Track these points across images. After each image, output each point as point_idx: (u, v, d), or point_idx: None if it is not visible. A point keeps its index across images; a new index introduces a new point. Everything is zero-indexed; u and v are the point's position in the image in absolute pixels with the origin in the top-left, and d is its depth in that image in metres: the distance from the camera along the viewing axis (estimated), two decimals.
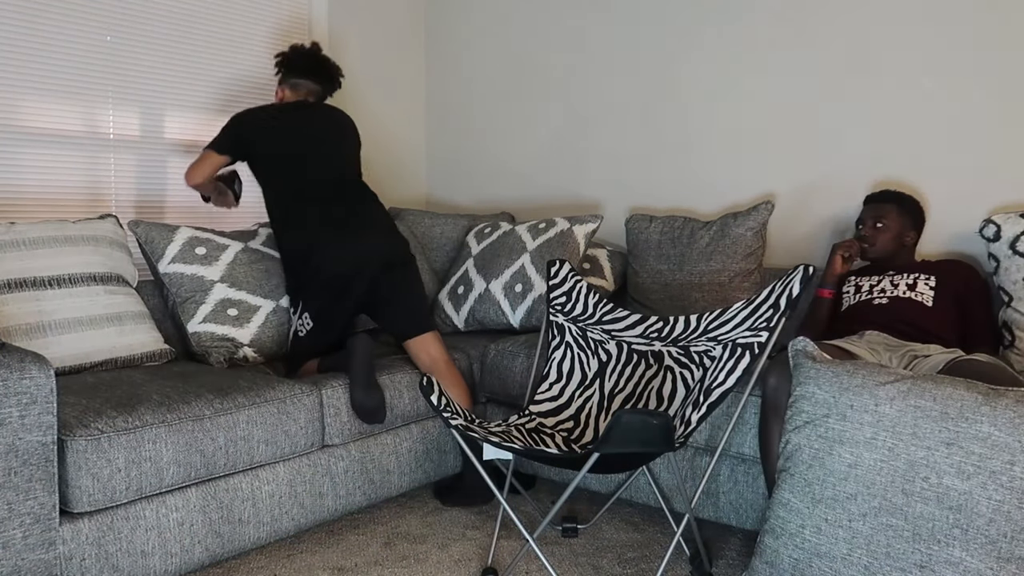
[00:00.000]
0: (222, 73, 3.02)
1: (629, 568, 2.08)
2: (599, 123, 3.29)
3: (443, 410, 1.87)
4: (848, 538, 1.66)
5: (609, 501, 2.40)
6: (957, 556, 1.55)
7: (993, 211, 2.47)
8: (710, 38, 2.98)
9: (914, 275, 2.33)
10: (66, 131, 2.62)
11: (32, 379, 1.60)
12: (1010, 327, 2.22)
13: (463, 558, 2.12)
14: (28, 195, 2.55)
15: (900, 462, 1.63)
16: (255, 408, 2.02)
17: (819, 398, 1.76)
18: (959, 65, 2.50)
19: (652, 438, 1.62)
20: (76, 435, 1.69)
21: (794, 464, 1.77)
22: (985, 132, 2.47)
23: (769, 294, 2.01)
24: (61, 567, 1.68)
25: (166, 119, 2.87)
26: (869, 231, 2.41)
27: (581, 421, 2.23)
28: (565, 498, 1.73)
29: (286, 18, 3.21)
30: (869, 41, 2.65)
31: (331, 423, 2.21)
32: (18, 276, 2.11)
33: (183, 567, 1.90)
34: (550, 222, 2.95)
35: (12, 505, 1.58)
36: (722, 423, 2.18)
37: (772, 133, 2.87)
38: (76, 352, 2.11)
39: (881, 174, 2.66)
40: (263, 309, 2.51)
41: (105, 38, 2.68)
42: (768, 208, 2.73)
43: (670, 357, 2.23)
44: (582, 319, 2.37)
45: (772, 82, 2.85)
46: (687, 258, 2.78)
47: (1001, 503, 1.53)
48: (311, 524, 2.19)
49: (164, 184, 2.89)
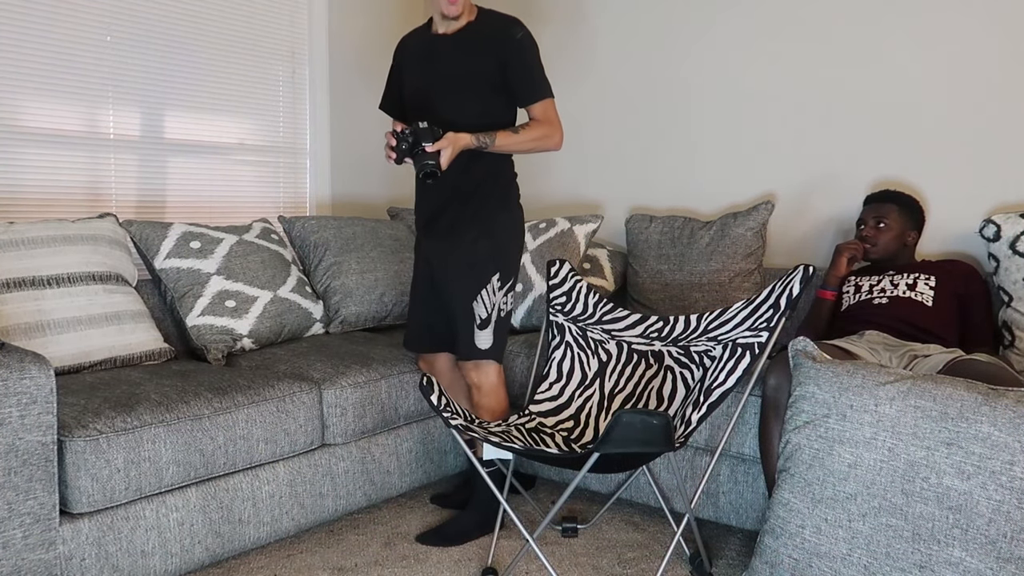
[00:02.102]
0: (222, 73, 3.01)
1: (629, 568, 2.08)
2: (599, 123, 3.29)
3: (443, 410, 1.87)
4: (848, 538, 1.66)
5: (609, 501, 2.40)
6: (957, 556, 1.55)
7: (993, 211, 2.47)
8: (710, 38, 2.98)
9: (914, 275, 2.33)
10: (66, 131, 2.62)
11: (32, 379, 1.59)
12: (1010, 327, 2.22)
13: (463, 558, 2.12)
14: (28, 195, 2.55)
15: (900, 462, 1.63)
16: (254, 407, 2.02)
17: (819, 398, 1.76)
18: (959, 65, 2.50)
19: (652, 438, 1.62)
20: (75, 436, 1.69)
21: (794, 464, 1.77)
22: (985, 132, 2.47)
23: (769, 294, 2.01)
24: (61, 567, 1.68)
25: (166, 119, 2.87)
26: (871, 231, 2.41)
27: (581, 421, 2.23)
28: (565, 498, 1.73)
29: (286, 18, 3.21)
30: (869, 41, 2.64)
31: (331, 422, 2.21)
32: (17, 275, 2.11)
33: (183, 567, 1.90)
34: (550, 222, 2.95)
35: (12, 505, 1.58)
36: (722, 423, 2.18)
37: (772, 133, 2.87)
38: (75, 352, 2.11)
39: (881, 174, 2.66)
40: (261, 299, 2.53)
41: (105, 38, 2.68)
42: (768, 208, 2.73)
43: (670, 357, 2.23)
44: (582, 319, 2.37)
45: (772, 82, 2.85)
46: (687, 258, 2.78)
47: (1001, 503, 1.53)
48: (311, 524, 2.19)
49: (164, 184, 2.89)
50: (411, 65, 2.28)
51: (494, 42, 2.16)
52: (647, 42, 3.14)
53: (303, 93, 3.31)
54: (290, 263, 2.74)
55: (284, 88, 3.24)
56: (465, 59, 2.17)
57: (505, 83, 2.18)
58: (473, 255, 2.21)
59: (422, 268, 2.34)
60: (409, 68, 2.28)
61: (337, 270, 2.81)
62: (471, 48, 2.17)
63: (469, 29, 2.19)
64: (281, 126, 3.25)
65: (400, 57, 2.34)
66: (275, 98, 3.21)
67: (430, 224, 2.29)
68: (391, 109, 2.41)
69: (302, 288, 2.70)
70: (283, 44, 3.21)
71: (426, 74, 2.23)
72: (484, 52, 2.16)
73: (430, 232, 2.29)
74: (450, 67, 2.18)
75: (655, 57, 3.12)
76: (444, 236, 2.26)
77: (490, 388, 2.25)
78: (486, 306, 2.20)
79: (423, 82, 2.23)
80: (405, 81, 2.30)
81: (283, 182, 3.28)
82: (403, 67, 2.31)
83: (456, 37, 2.19)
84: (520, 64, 2.17)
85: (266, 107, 3.18)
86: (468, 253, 2.21)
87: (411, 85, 2.28)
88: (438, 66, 2.20)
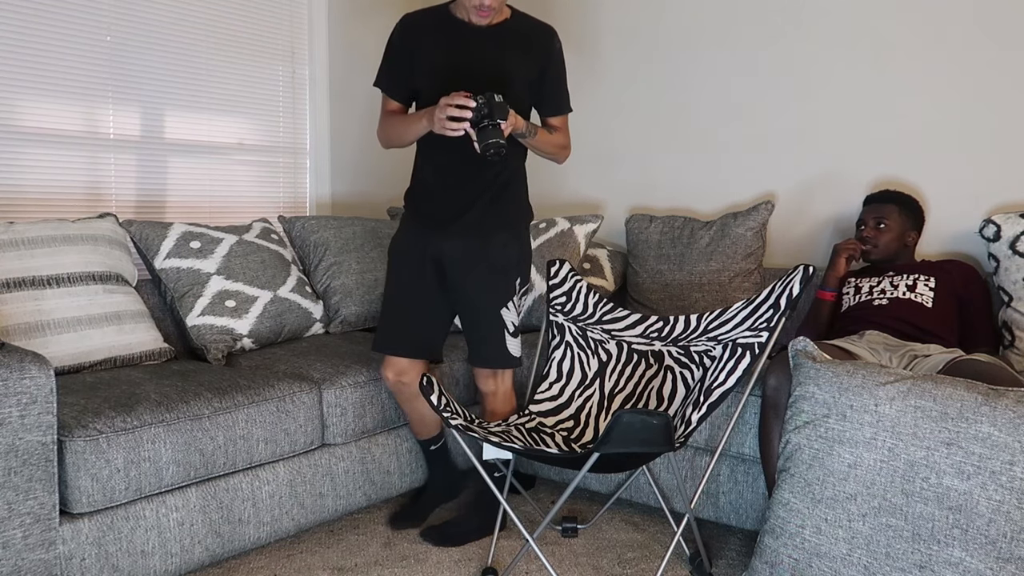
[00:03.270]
0: (222, 73, 3.01)
1: (629, 568, 2.08)
2: (599, 123, 3.29)
3: (443, 410, 1.87)
4: (848, 538, 1.66)
5: (609, 501, 2.40)
6: (957, 556, 1.55)
7: (993, 211, 2.47)
8: (710, 38, 2.98)
9: (914, 276, 2.33)
10: (66, 131, 2.62)
11: (32, 379, 1.59)
12: (1010, 327, 2.22)
13: (463, 558, 2.12)
14: (28, 195, 2.55)
15: (900, 462, 1.63)
16: (254, 407, 2.02)
17: (819, 398, 1.76)
18: (960, 65, 2.49)
19: (652, 438, 1.62)
20: (75, 436, 1.69)
21: (794, 464, 1.77)
22: (985, 132, 2.47)
23: (769, 294, 2.01)
24: (61, 567, 1.68)
25: (166, 119, 2.87)
26: (871, 232, 2.40)
27: (581, 421, 2.23)
28: (565, 498, 1.73)
29: (286, 18, 3.21)
30: (869, 41, 2.64)
31: (331, 422, 2.21)
32: (17, 275, 2.11)
33: (183, 567, 1.90)
34: (550, 222, 2.95)
35: (12, 505, 1.58)
36: (722, 423, 2.18)
37: (772, 133, 2.87)
38: (75, 351, 2.11)
39: (881, 174, 2.66)
40: (261, 299, 2.53)
41: (105, 38, 2.68)
42: (768, 208, 2.73)
43: (670, 357, 2.23)
44: (582, 319, 2.37)
45: (772, 81, 2.85)
46: (687, 258, 2.78)
47: (1001, 503, 1.53)
48: (311, 524, 2.19)
49: (164, 184, 2.89)
50: (431, 50, 2.10)
51: (538, 47, 2.13)
52: (647, 42, 3.14)
53: (303, 93, 3.31)
54: (290, 263, 2.74)
55: (284, 88, 3.24)
56: (507, 56, 2.08)
57: (539, 89, 2.15)
58: (505, 260, 2.13)
59: (424, 268, 2.15)
60: (428, 52, 2.10)
61: (337, 270, 2.81)
62: (514, 47, 2.10)
63: (508, 27, 2.11)
64: (281, 126, 3.25)
65: (412, 38, 2.13)
66: (275, 98, 3.21)
67: (448, 222, 2.12)
68: (396, 92, 2.19)
69: (302, 288, 2.70)
70: (283, 44, 3.21)
71: (457, 62, 2.07)
72: (527, 54, 2.11)
73: (447, 230, 2.12)
74: (491, 61, 2.07)
75: (655, 57, 3.12)
76: (469, 236, 2.11)
77: (506, 394, 2.25)
78: (515, 313, 2.17)
79: (451, 71, 2.07)
80: (422, 65, 2.11)
81: (283, 182, 3.28)
82: (418, 50, 2.12)
83: (494, 32, 2.09)
84: (557, 75, 2.17)
85: (266, 107, 3.18)
86: (500, 258, 2.12)
87: (434, 70, 2.10)
88: (475, 57, 2.07)
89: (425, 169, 2.18)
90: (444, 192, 2.14)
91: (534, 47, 2.12)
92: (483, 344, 2.17)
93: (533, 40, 2.13)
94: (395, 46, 2.17)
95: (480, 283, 2.13)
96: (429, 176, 2.16)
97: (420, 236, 2.17)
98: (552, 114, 2.21)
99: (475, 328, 2.17)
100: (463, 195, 2.12)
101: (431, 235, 2.15)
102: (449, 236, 2.13)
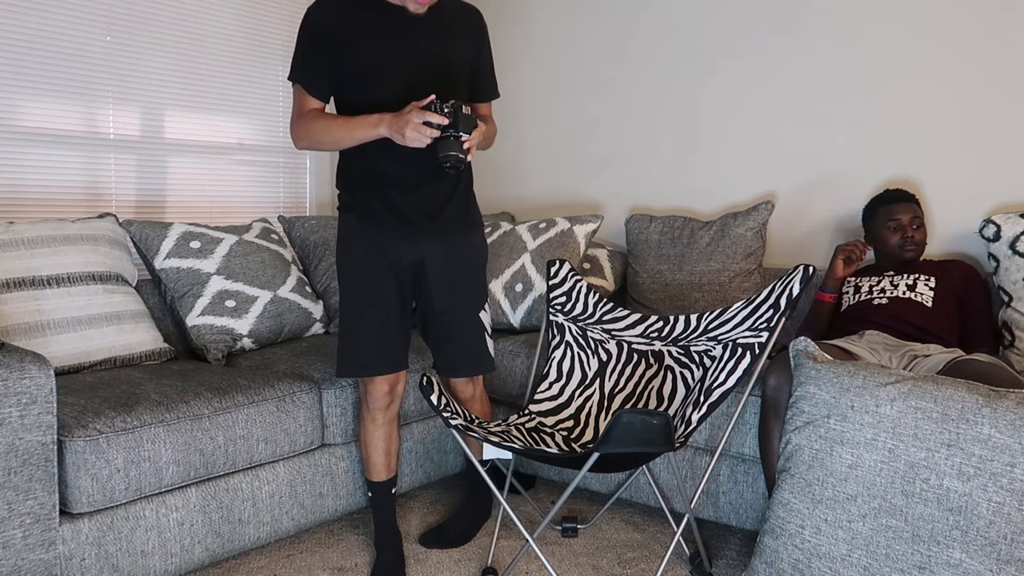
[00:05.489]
0: (222, 73, 3.01)
1: (629, 568, 2.08)
2: (599, 123, 3.29)
3: (443, 410, 1.87)
4: (848, 539, 1.66)
5: (609, 501, 2.40)
6: (957, 558, 1.55)
7: (993, 211, 2.47)
8: (710, 38, 2.98)
9: (914, 275, 2.33)
10: (66, 131, 2.62)
11: (32, 379, 1.59)
12: (1010, 327, 2.22)
13: (463, 558, 2.12)
14: (28, 195, 2.55)
15: (900, 463, 1.63)
16: (254, 407, 2.02)
17: (820, 398, 1.76)
18: (960, 65, 2.49)
19: (652, 438, 1.62)
20: (74, 436, 1.69)
21: (794, 464, 1.77)
22: (985, 132, 2.47)
23: (769, 294, 2.01)
24: (61, 567, 1.68)
25: (166, 119, 2.87)
26: (913, 232, 2.36)
27: (581, 420, 2.23)
28: (565, 498, 1.73)
29: (285, 18, 3.21)
30: (869, 41, 2.64)
31: (331, 422, 2.21)
32: (17, 275, 2.11)
33: (183, 567, 1.90)
34: (550, 222, 2.95)
35: (12, 505, 1.58)
36: (722, 423, 2.18)
37: (772, 133, 2.87)
38: (75, 351, 2.11)
39: (881, 174, 2.66)
40: (260, 299, 2.53)
41: (105, 38, 2.68)
42: (768, 208, 2.73)
43: (670, 357, 2.23)
44: (582, 319, 2.36)
45: (772, 81, 2.85)
46: (687, 258, 2.78)
47: (1001, 505, 1.53)
48: (311, 524, 2.19)
49: (164, 184, 2.89)
50: (368, 40, 1.86)
51: (473, 31, 1.99)
52: (647, 41, 3.14)
53: None
54: (290, 263, 2.74)
55: (284, 88, 3.23)
56: (450, 45, 1.93)
57: (476, 75, 2.02)
58: (483, 260, 2.06)
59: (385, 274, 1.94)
60: (365, 43, 1.86)
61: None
62: (454, 35, 1.94)
63: (443, 12, 1.93)
64: (281, 126, 3.24)
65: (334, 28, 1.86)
66: (275, 98, 3.21)
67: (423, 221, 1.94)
68: (318, 89, 1.92)
69: (302, 288, 2.70)
70: (282, 44, 3.21)
71: (395, 53, 1.87)
72: (465, 40, 1.97)
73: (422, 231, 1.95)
74: (434, 50, 1.90)
75: (655, 57, 3.12)
76: (449, 235, 1.98)
77: (481, 395, 2.22)
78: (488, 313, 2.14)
79: (387, 61, 1.86)
80: (359, 58, 1.86)
81: (283, 182, 3.28)
82: (349, 39, 1.86)
83: (431, 19, 1.90)
84: (489, 58, 2.05)
85: (266, 107, 3.18)
86: (481, 257, 2.05)
87: (366, 63, 1.87)
88: (420, 50, 1.88)
89: (382, 162, 1.91)
90: (412, 188, 1.92)
91: (471, 31, 1.99)
92: (465, 352, 2.05)
93: (469, 24, 2.00)
94: (315, 34, 1.87)
95: (464, 285, 2.01)
96: (389, 169, 1.90)
97: (378, 239, 1.94)
98: (485, 100, 2.07)
99: (453, 335, 2.03)
100: (437, 190, 1.94)
101: (396, 237, 1.94)
102: (425, 237, 1.95)
